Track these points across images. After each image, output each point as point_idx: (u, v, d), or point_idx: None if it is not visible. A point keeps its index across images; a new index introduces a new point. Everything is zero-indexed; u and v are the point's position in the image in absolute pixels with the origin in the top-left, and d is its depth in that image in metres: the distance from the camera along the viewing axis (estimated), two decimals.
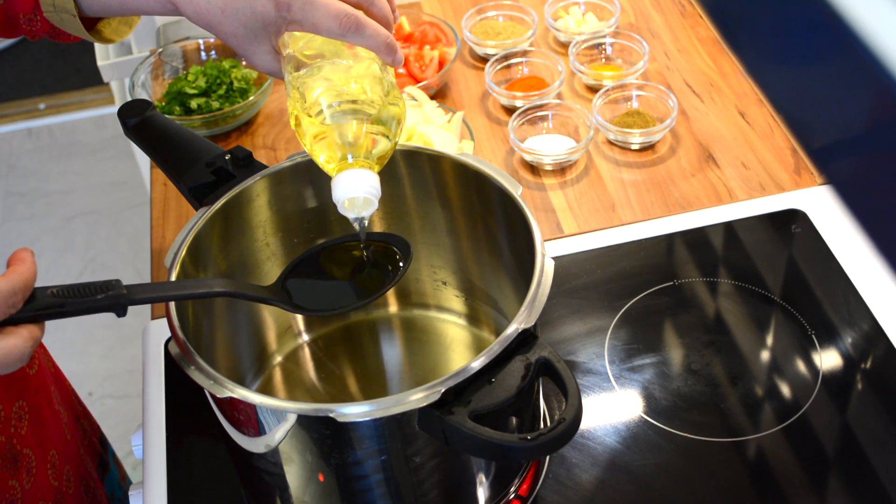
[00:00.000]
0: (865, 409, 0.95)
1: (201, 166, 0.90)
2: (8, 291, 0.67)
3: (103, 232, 2.64)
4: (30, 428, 0.92)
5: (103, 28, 0.94)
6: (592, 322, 1.04)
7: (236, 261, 0.91)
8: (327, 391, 0.99)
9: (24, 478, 0.89)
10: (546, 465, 0.92)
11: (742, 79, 1.31)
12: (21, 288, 0.68)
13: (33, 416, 0.93)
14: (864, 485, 0.89)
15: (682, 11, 1.43)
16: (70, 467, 0.99)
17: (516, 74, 1.33)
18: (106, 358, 2.28)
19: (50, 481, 0.94)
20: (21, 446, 0.90)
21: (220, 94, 1.29)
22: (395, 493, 0.81)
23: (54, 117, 2.98)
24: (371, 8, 0.84)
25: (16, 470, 0.88)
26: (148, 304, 0.85)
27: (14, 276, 0.68)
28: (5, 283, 0.67)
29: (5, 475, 0.87)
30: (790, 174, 1.18)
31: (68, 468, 0.99)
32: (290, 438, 0.76)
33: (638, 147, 1.23)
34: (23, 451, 0.90)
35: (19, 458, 0.89)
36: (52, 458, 0.95)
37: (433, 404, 0.71)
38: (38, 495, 0.91)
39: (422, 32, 1.36)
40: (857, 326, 1.01)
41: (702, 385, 0.97)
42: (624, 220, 1.15)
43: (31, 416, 0.93)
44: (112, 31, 0.95)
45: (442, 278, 1.00)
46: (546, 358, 0.75)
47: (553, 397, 0.97)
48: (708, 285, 1.07)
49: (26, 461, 0.90)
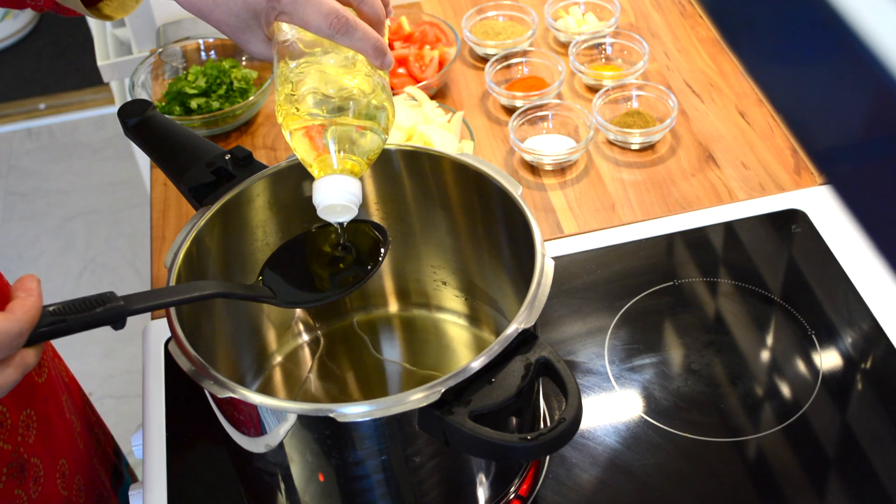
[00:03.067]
0: (865, 409, 0.95)
1: (201, 166, 0.90)
2: (14, 333, 0.64)
3: (103, 232, 2.64)
4: (38, 437, 0.91)
5: (104, 6, 0.93)
6: (592, 322, 1.04)
7: (236, 261, 0.91)
8: (327, 391, 0.99)
9: (30, 487, 0.88)
10: (546, 465, 0.92)
11: (742, 79, 1.31)
12: (27, 329, 0.65)
13: (42, 424, 0.93)
14: (864, 485, 0.89)
15: (682, 11, 1.43)
16: (81, 476, 0.99)
17: (516, 74, 1.33)
18: (106, 358, 2.28)
19: (59, 490, 0.93)
20: (28, 455, 0.89)
21: (220, 94, 1.29)
22: (395, 493, 0.81)
23: (54, 117, 2.98)
24: (361, 6, 0.83)
25: (22, 479, 0.87)
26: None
27: (21, 313, 0.65)
28: (11, 323, 0.64)
29: (11, 483, 0.86)
30: (790, 174, 1.18)
31: (79, 478, 0.98)
32: (290, 438, 0.76)
33: (638, 147, 1.23)
34: (30, 459, 0.89)
35: (26, 466, 0.88)
36: (61, 467, 0.94)
37: (433, 404, 0.71)
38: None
39: (422, 32, 1.36)
40: (857, 326, 1.01)
41: (702, 385, 0.97)
42: (624, 220, 1.15)
43: (40, 425, 0.92)
44: (113, 9, 0.94)
45: (442, 278, 1.00)
46: (546, 358, 0.75)
47: (553, 397, 0.97)
48: (708, 285, 1.07)
49: (34, 470, 0.89)
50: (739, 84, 1.31)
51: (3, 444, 0.86)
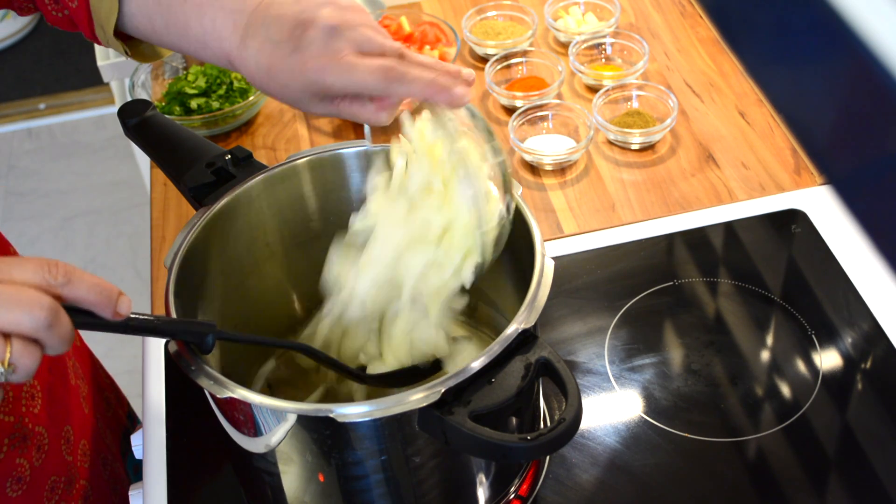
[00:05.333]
0: (865, 409, 0.95)
1: (201, 166, 0.90)
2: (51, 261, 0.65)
3: (103, 232, 2.64)
4: (43, 405, 0.92)
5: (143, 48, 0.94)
6: (592, 322, 1.04)
7: (236, 261, 0.91)
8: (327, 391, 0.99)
9: (33, 455, 0.89)
10: (546, 465, 0.92)
11: (742, 79, 1.31)
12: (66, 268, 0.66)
13: (46, 393, 0.93)
14: (864, 485, 0.89)
15: (682, 11, 1.43)
16: (87, 442, 0.99)
17: (516, 74, 1.33)
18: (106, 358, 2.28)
19: (63, 457, 0.94)
20: (33, 424, 0.89)
21: (220, 94, 1.29)
22: (395, 494, 0.81)
23: (54, 117, 2.98)
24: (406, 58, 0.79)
25: (24, 448, 0.88)
26: (149, 305, 0.85)
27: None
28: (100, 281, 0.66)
29: (13, 453, 0.87)
30: (790, 174, 1.18)
31: (84, 442, 0.98)
32: (290, 438, 0.76)
33: (638, 147, 1.23)
34: (34, 429, 0.90)
35: (29, 436, 0.89)
36: (65, 433, 0.95)
37: (433, 404, 0.71)
38: (50, 471, 0.91)
39: (422, 32, 1.36)
40: (857, 326, 1.01)
41: (702, 385, 0.97)
42: (624, 220, 1.15)
43: (45, 394, 0.92)
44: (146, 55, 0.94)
45: None
46: (546, 358, 0.75)
47: (553, 397, 0.97)
48: (708, 285, 1.07)
49: (37, 438, 0.90)
50: (739, 84, 1.31)
51: (4, 417, 0.86)
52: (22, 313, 0.63)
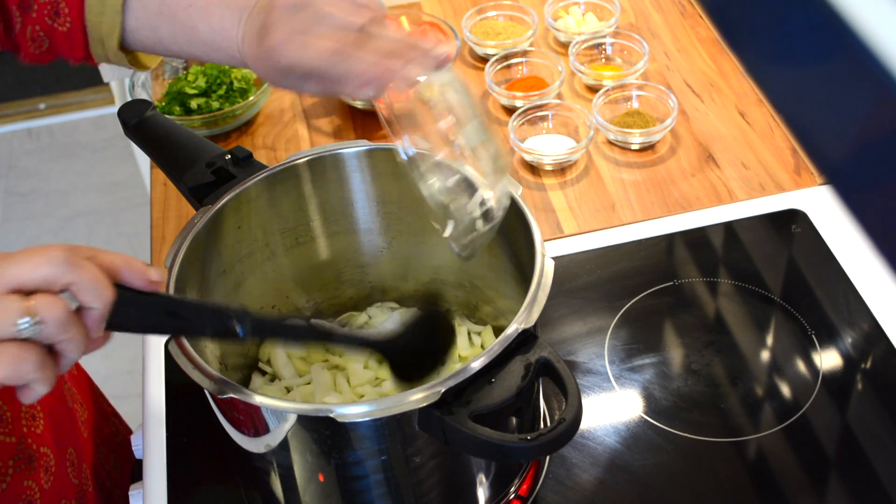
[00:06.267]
0: (865, 409, 0.95)
1: (201, 166, 0.90)
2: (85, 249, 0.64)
3: (103, 232, 2.64)
4: (46, 426, 0.91)
5: (143, 57, 0.94)
6: (592, 322, 1.04)
7: (236, 261, 0.91)
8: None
9: (41, 477, 0.88)
10: (546, 465, 0.92)
11: (742, 79, 1.31)
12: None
13: (48, 414, 0.93)
14: (864, 485, 0.89)
15: (682, 11, 1.43)
16: (87, 466, 0.99)
17: (516, 74, 1.33)
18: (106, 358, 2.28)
19: (71, 479, 0.93)
20: (38, 445, 0.89)
21: (220, 94, 1.29)
22: (395, 494, 0.81)
23: (54, 117, 2.98)
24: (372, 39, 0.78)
25: (31, 469, 0.87)
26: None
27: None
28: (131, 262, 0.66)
29: (19, 476, 0.86)
30: (790, 174, 1.18)
31: (85, 466, 0.98)
32: (290, 438, 0.76)
33: (638, 147, 1.23)
34: (39, 450, 0.89)
35: (36, 457, 0.88)
36: (70, 456, 0.95)
37: (433, 404, 0.71)
38: (61, 494, 0.91)
39: (422, 32, 1.36)
40: (857, 326, 1.01)
41: (702, 385, 0.97)
42: (624, 220, 1.15)
43: (47, 415, 0.92)
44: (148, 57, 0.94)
45: (442, 278, 1.00)
46: (546, 358, 0.75)
47: (553, 397, 0.97)
48: (708, 285, 1.07)
49: (44, 460, 0.89)
50: (739, 84, 1.31)
51: (5, 438, 0.86)
52: (40, 257, 0.61)
